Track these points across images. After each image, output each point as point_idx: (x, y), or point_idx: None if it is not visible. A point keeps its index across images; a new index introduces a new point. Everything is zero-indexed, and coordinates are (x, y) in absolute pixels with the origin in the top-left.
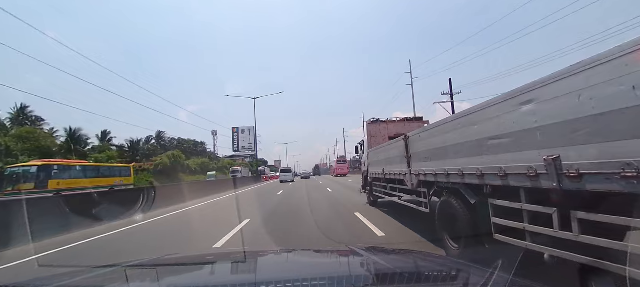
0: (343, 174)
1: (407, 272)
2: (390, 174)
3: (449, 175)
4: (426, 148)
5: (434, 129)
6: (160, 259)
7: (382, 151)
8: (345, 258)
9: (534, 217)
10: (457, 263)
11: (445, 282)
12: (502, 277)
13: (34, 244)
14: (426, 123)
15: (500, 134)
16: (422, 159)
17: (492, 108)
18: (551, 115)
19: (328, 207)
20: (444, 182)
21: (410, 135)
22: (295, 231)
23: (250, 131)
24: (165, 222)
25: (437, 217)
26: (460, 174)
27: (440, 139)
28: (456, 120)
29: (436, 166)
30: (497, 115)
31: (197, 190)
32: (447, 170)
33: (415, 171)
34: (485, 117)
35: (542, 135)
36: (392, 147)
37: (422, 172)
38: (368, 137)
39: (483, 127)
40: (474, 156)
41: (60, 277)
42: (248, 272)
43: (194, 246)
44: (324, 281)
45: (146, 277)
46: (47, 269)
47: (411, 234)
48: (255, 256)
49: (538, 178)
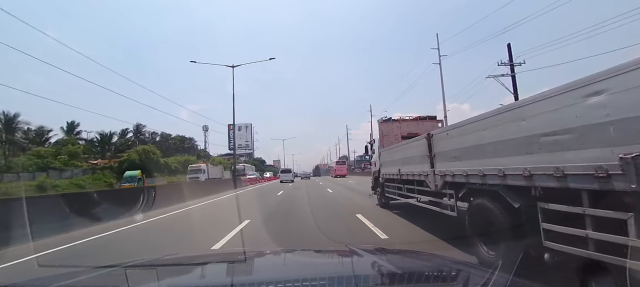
0: (342, 175)
1: (407, 272)
2: (408, 175)
3: (484, 176)
4: (455, 146)
5: (467, 125)
6: (160, 259)
7: (398, 150)
8: (345, 258)
9: (599, 224)
10: (457, 263)
11: (445, 282)
12: (502, 277)
13: (33, 242)
14: (440, 122)
15: (557, 129)
16: (450, 159)
17: (548, 101)
18: (629, 108)
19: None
20: (479, 184)
21: (434, 133)
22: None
23: (248, 128)
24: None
25: (469, 222)
26: (500, 175)
27: (475, 137)
28: (498, 115)
29: (468, 166)
30: (554, 108)
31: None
32: (483, 170)
33: (440, 171)
34: (538, 111)
35: (616, 131)
36: (411, 146)
37: (449, 172)
38: (380, 136)
39: (534, 122)
40: (520, 155)
41: (60, 277)
42: (248, 272)
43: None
44: (324, 281)
45: (146, 277)
46: (47, 269)
47: (438, 242)
48: (255, 256)
49: (609, 179)
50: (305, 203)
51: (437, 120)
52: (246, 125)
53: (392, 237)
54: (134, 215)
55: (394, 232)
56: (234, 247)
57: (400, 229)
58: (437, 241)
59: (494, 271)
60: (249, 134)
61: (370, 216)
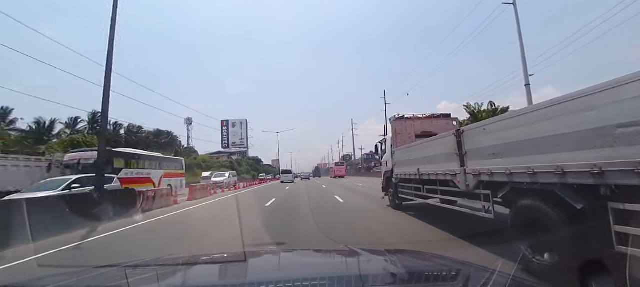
0: (341, 176)
1: (407, 272)
2: (430, 174)
3: (535, 174)
4: (495, 143)
5: (511, 119)
6: (160, 259)
7: (417, 148)
8: (345, 258)
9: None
10: (457, 263)
11: (445, 282)
12: (502, 277)
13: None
14: (454, 121)
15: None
16: (486, 156)
17: (630, 86)
18: None
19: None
20: (527, 183)
21: (466, 129)
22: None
23: (242, 125)
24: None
25: (513, 226)
26: (558, 173)
27: (523, 131)
28: (557, 105)
29: (513, 164)
30: (637, 95)
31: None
32: (533, 168)
33: (472, 170)
34: (614, 99)
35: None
36: (434, 144)
37: (486, 170)
38: (393, 135)
39: (608, 112)
40: (587, 149)
41: (60, 277)
42: (248, 272)
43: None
44: (324, 281)
45: (146, 277)
46: (47, 269)
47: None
48: (255, 256)
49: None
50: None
51: (452, 118)
52: (241, 122)
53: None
54: None
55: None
56: (233, 247)
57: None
58: (472, 246)
59: (494, 271)
60: (244, 131)
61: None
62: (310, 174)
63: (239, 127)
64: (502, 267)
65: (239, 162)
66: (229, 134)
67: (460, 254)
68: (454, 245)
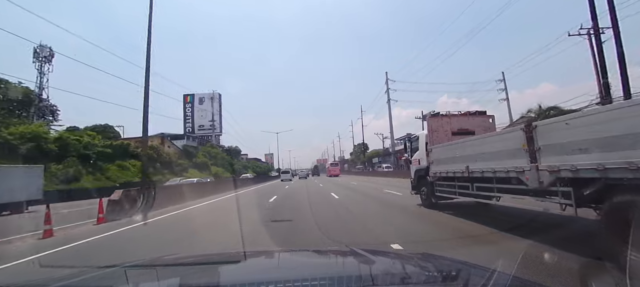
0: (335, 175)
1: (407, 272)
2: (484, 171)
3: (639, 168)
4: (583, 137)
5: (608, 112)
6: (160, 259)
7: (466, 145)
8: (345, 259)
9: None
10: (457, 263)
11: (445, 282)
12: (503, 277)
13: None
14: (490, 118)
15: None
16: (570, 151)
17: None
18: None
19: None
20: (628, 179)
21: (540, 124)
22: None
23: (213, 100)
24: None
25: (608, 226)
26: None
27: (625, 124)
28: None
29: (608, 159)
30: None
31: None
32: (637, 162)
33: (548, 166)
34: None
35: None
36: (493, 140)
37: (569, 166)
38: (429, 132)
39: None
40: None
41: (60, 278)
42: (248, 272)
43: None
44: (324, 281)
45: (146, 277)
46: (47, 269)
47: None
48: (255, 256)
49: None
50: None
51: (488, 115)
52: (211, 96)
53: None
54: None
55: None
56: (233, 247)
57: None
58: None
59: (494, 271)
60: (215, 109)
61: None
62: (309, 172)
63: (207, 103)
64: (502, 267)
65: (210, 155)
66: (193, 114)
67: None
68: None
